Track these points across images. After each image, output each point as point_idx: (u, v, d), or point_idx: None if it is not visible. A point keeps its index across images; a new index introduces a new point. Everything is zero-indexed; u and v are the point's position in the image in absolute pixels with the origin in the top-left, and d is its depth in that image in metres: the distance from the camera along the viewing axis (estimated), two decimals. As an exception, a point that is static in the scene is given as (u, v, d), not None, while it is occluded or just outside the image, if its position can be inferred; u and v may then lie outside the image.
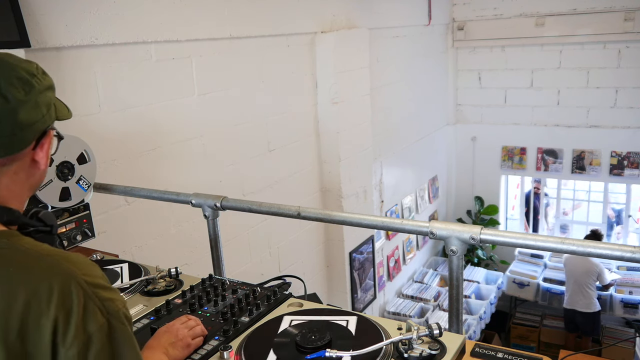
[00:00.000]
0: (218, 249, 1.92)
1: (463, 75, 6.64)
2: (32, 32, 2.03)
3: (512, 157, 6.60)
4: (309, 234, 4.04)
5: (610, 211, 6.83)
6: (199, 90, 2.92)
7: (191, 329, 1.27)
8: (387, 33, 4.96)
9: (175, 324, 1.28)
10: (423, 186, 6.24)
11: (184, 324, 1.28)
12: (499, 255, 6.80)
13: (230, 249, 3.15)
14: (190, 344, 1.25)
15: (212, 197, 1.85)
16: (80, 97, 2.32)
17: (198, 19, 2.83)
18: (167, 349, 1.21)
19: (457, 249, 1.40)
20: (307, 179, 3.97)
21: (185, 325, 1.28)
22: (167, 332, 1.25)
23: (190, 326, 1.28)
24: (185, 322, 1.29)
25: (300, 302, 1.45)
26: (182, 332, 1.25)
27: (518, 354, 1.25)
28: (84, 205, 1.98)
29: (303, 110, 3.84)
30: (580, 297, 5.57)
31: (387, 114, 5.05)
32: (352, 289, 4.36)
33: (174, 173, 2.81)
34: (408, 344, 1.18)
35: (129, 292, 1.54)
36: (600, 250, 1.31)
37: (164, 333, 1.25)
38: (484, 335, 6.05)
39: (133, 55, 2.54)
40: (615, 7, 5.51)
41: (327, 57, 3.83)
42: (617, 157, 6.04)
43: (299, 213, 1.72)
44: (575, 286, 5.59)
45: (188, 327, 1.27)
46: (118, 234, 2.50)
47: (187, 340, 1.24)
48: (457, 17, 6.39)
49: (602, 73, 5.86)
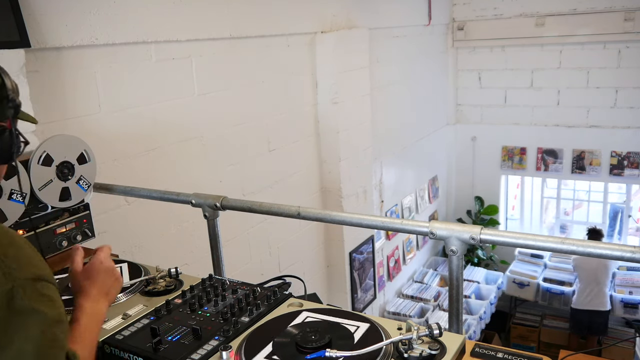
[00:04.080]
0: (218, 249, 1.92)
1: (463, 75, 6.64)
2: (32, 32, 2.03)
3: (512, 157, 6.60)
4: (309, 234, 4.04)
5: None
6: (199, 90, 2.92)
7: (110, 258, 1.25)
8: (387, 33, 4.96)
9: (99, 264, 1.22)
10: (423, 186, 6.24)
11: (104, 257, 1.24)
12: (499, 255, 6.80)
13: (230, 249, 3.15)
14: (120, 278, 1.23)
15: (212, 197, 1.85)
16: (80, 97, 2.32)
17: (198, 19, 2.83)
18: (109, 291, 1.20)
19: (457, 249, 1.40)
20: (307, 179, 3.97)
21: (105, 255, 1.24)
22: (104, 272, 1.21)
23: (108, 255, 1.25)
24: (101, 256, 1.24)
25: (301, 302, 1.45)
26: (109, 263, 1.23)
27: (518, 354, 1.25)
28: (84, 205, 1.98)
29: (303, 110, 3.84)
30: (598, 296, 5.55)
31: (387, 114, 5.05)
32: (352, 289, 4.36)
33: (174, 173, 2.81)
34: (408, 344, 1.18)
35: (129, 292, 1.54)
36: (600, 250, 1.31)
37: (98, 273, 1.20)
38: (484, 335, 6.05)
39: (133, 55, 2.54)
40: (615, 7, 5.51)
41: (327, 57, 3.83)
42: (617, 157, 6.04)
43: (299, 213, 1.72)
44: (593, 285, 5.56)
45: (108, 258, 1.24)
46: (118, 234, 2.50)
47: (118, 273, 1.23)
48: (457, 17, 6.39)
49: (602, 73, 5.86)
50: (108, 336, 1.32)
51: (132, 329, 1.34)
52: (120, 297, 1.51)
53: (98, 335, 1.14)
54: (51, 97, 2.20)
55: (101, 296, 1.18)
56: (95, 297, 1.17)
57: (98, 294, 1.18)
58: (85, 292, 1.18)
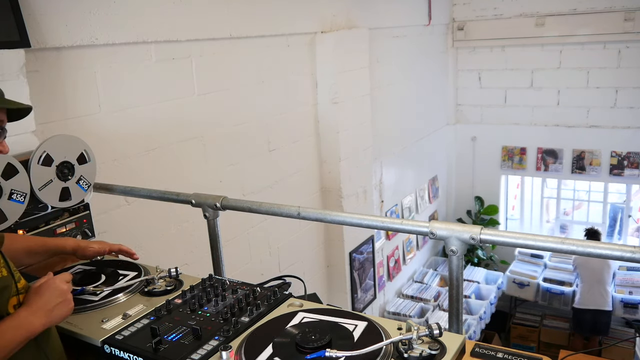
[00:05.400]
0: (218, 249, 1.92)
1: (463, 75, 6.64)
2: (32, 32, 2.03)
3: (512, 157, 6.60)
4: (309, 234, 4.04)
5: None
6: (199, 90, 2.92)
7: (65, 282, 1.27)
8: (387, 33, 4.96)
9: (52, 283, 1.25)
10: (423, 186, 6.24)
11: (59, 280, 1.26)
12: (499, 255, 6.80)
13: (230, 249, 3.15)
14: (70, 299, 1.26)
15: (212, 197, 1.85)
16: (80, 97, 2.32)
17: (198, 19, 2.83)
18: (53, 309, 1.21)
19: (457, 249, 1.40)
20: (307, 179, 3.97)
21: (62, 279, 1.27)
22: (52, 291, 1.23)
23: (64, 280, 1.27)
24: (57, 278, 1.27)
25: (301, 302, 1.45)
26: (63, 286, 1.25)
27: (518, 354, 1.25)
28: (84, 205, 1.98)
29: (303, 110, 3.84)
30: (601, 295, 5.55)
31: (387, 114, 5.05)
32: (352, 289, 4.36)
33: (174, 173, 2.81)
34: (408, 344, 1.18)
35: (129, 292, 1.54)
36: (600, 250, 1.31)
37: (47, 290, 1.23)
38: (484, 335, 6.05)
39: (133, 55, 2.54)
40: (615, 7, 5.51)
41: (327, 57, 3.83)
42: (617, 157, 6.04)
43: (299, 213, 1.72)
44: (596, 284, 5.56)
45: (63, 282, 1.26)
46: (118, 234, 2.49)
47: (68, 297, 1.25)
48: (457, 17, 6.39)
49: (602, 73, 5.86)
50: (108, 336, 1.32)
51: (132, 329, 1.34)
52: (120, 297, 1.51)
53: (15, 344, 1.14)
54: (51, 97, 2.20)
55: (41, 311, 1.20)
56: (34, 310, 1.20)
57: (38, 308, 1.20)
58: (28, 302, 1.21)
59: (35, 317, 1.19)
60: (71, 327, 1.37)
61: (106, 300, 1.49)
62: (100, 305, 1.47)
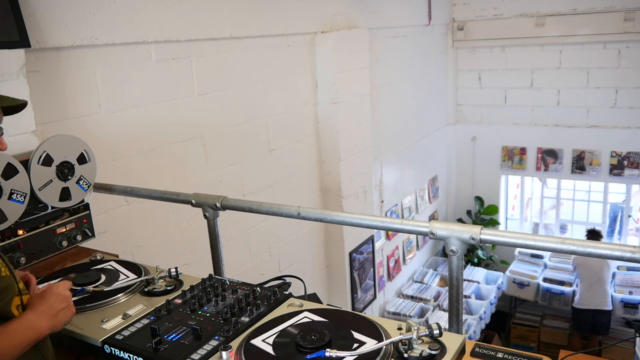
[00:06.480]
0: (218, 249, 1.92)
1: (463, 75, 6.64)
2: (32, 32, 2.03)
3: (512, 157, 6.60)
4: (309, 234, 4.04)
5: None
6: (199, 90, 2.92)
7: (67, 289, 1.31)
8: (387, 33, 4.96)
9: (55, 289, 1.29)
10: (423, 186, 6.24)
11: (62, 287, 1.30)
12: (499, 255, 6.80)
13: (230, 249, 3.15)
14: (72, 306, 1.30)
15: (212, 197, 1.85)
16: (80, 97, 2.32)
17: (198, 19, 2.83)
18: (57, 313, 1.24)
19: (457, 249, 1.40)
20: (307, 179, 3.97)
21: (64, 286, 1.31)
22: (56, 296, 1.27)
23: (66, 286, 1.31)
24: (59, 284, 1.31)
25: (301, 302, 1.45)
26: (65, 292, 1.29)
27: (518, 354, 1.25)
28: (84, 205, 1.98)
29: (303, 110, 3.84)
30: (601, 295, 5.55)
31: (387, 114, 5.05)
32: (352, 289, 4.36)
33: (174, 173, 2.81)
34: (408, 344, 1.18)
35: (129, 292, 1.54)
36: (600, 250, 1.31)
37: (50, 295, 1.27)
38: (484, 335, 6.04)
39: (133, 55, 2.54)
40: (615, 7, 5.51)
41: (327, 57, 3.83)
42: (617, 157, 6.04)
43: (299, 213, 1.72)
44: (596, 284, 5.56)
45: (65, 289, 1.30)
46: (118, 234, 2.50)
47: (70, 303, 1.29)
48: (457, 17, 6.39)
49: (602, 73, 5.86)
50: (108, 336, 1.32)
51: (132, 329, 1.34)
52: (120, 297, 1.51)
53: (23, 346, 1.16)
54: (51, 97, 2.20)
55: (46, 314, 1.23)
56: (40, 313, 1.22)
57: (44, 312, 1.23)
58: (33, 306, 1.24)
59: (42, 320, 1.21)
60: (71, 327, 1.37)
61: (106, 300, 1.49)
62: (100, 305, 1.48)
